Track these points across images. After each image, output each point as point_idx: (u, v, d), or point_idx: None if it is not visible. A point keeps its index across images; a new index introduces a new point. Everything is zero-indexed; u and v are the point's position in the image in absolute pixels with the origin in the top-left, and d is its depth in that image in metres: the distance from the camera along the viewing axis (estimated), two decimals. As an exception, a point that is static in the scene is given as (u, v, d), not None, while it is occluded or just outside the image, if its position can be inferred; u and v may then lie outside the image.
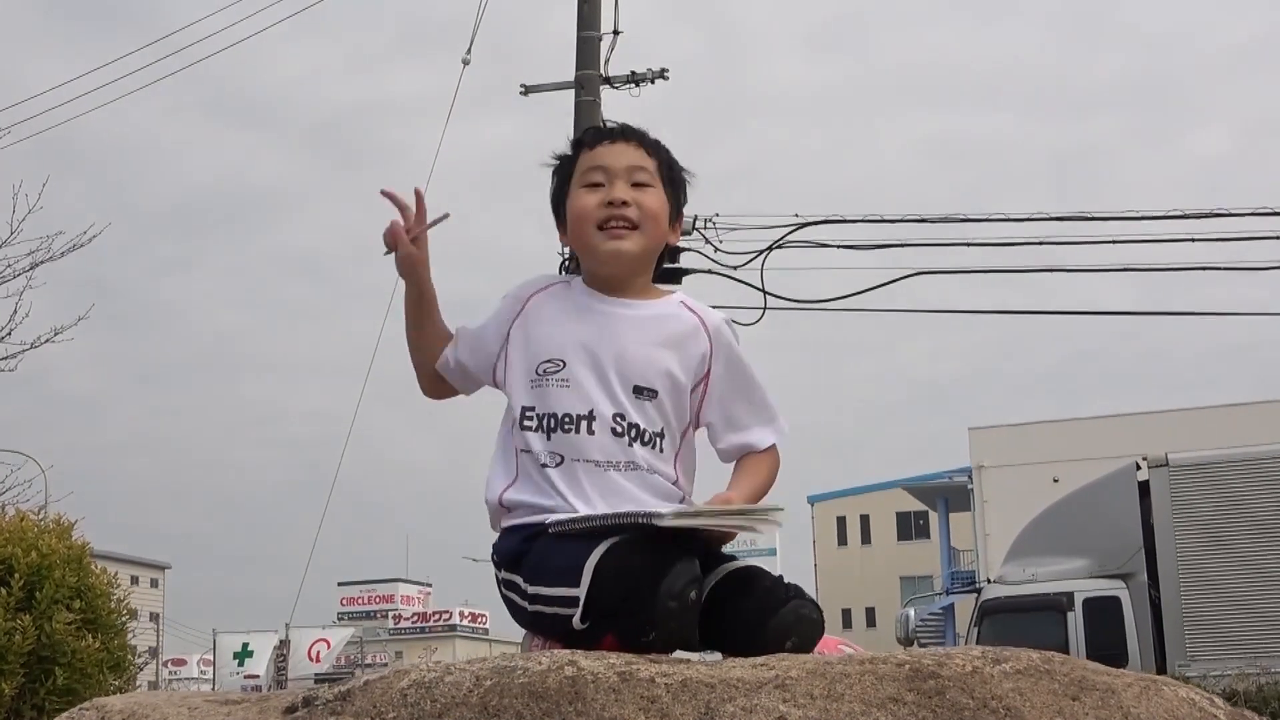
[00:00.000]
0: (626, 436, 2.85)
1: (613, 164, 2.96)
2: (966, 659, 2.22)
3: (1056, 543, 15.97)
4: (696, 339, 2.95)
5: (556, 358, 2.89)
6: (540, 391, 2.87)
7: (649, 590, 2.49)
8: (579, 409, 2.85)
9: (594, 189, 2.95)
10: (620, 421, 2.85)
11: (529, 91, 16.39)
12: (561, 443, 2.84)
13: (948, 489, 44.96)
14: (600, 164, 2.96)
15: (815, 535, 64.32)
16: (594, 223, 2.93)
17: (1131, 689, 2.22)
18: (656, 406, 2.89)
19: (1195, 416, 33.17)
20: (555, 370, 2.88)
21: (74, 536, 6.98)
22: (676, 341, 2.94)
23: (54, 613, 6.39)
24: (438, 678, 2.25)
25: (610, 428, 2.84)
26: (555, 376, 2.87)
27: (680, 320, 2.96)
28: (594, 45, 15.53)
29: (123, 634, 7.01)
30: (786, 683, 2.17)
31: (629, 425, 2.85)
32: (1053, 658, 2.26)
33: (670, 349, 2.93)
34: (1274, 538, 14.61)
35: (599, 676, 2.19)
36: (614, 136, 3.02)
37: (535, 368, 2.89)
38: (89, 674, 6.45)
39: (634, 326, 2.92)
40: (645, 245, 2.95)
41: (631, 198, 2.93)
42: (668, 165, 3.04)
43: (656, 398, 2.88)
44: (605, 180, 2.95)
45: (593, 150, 3.00)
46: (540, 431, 2.85)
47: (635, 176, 2.96)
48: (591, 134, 3.07)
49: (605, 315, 2.93)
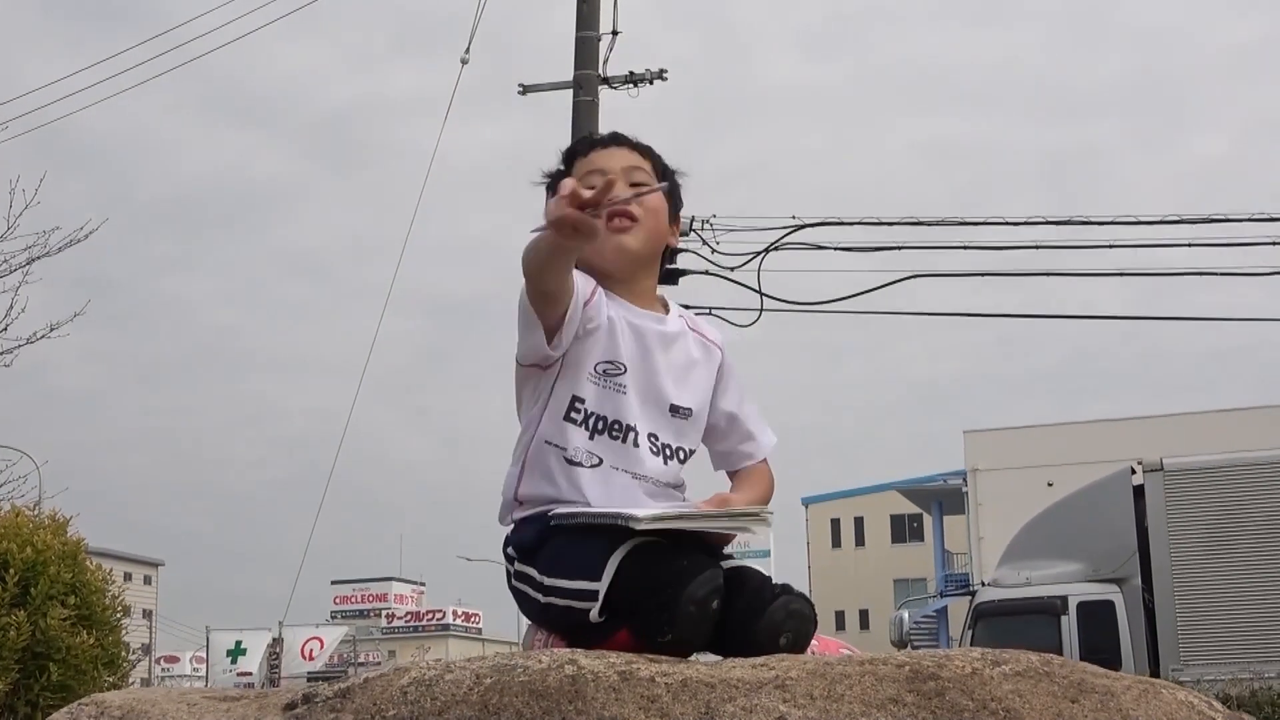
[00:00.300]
0: (661, 456, 2.89)
1: (609, 165, 2.98)
2: (966, 661, 2.23)
3: (1051, 546, 15.99)
4: (712, 356, 3.03)
5: (620, 361, 2.87)
6: (595, 389, 2.85)
7: (673, 592, 2.51)
8: (627, 419, 2.86)
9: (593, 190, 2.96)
10: (655, 441, 2.89)
11: (527, 91, 16.40)
12: (605, 447, 2.85)
13: (942, 492, 45.00)
14: (597, 167, 2.98)
15: (809, 537, 64.36)
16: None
17: (1130, 692, 2.22)
18: (690, 425, 2.95)
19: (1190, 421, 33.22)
20: (617, 374, 2.87)
21: (69, 533, 7.00)
22: (701, 360, 3.00)
23: (49, 609, 6.39)
24: (438, 675, 2.25)
25: (648, 447, 2.87)
26: (615, 380, 2.86)
27: (696, 337, 3.02)
28: (593, 45, 15.54)
29: (117, 630, 7.02)
30: (786, 683, 2.18)
31: (663, 445, 2.90)
32: (1052, 660, 2.26)
33: (699, 368, 2.98)
34: (1268, 543, 14.64)
35: (599, 675, 2.20)
36: (606, 142, 3.05)
37: (596, 364, 2.86)
38: (83, 670, 6.46)
39: (669, 345, 2.95)
40: (647, 240, 2.97)
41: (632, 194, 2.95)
42: (662, 166, 3.07)
43: (691, 416, 2.95)
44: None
45: (587, 156, 3.02)
46: (584, 428, 2.84)
47: (633, 176, 2.98)
48: (584, 143, 3.08)
49: (644, 332, 2.93)
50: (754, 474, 3.06)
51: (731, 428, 3.05)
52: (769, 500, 3.03)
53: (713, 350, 3.03)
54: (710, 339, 3.05)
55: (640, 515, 2.58)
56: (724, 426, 3.04)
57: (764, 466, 3.09)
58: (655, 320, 2.96)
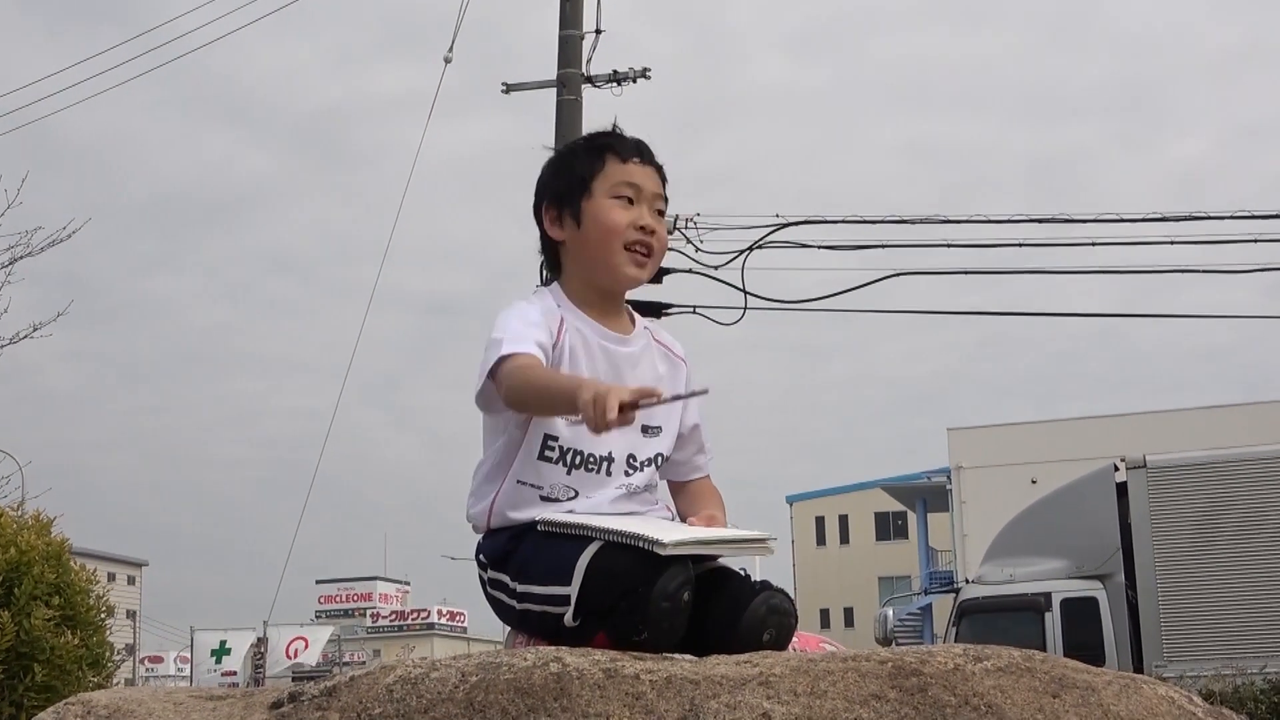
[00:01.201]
0: (638, 474, 2.92)
1: (644, 186, 2.98)
2: (948, 656, 2.24)
3: (1034, 543, 16.03)
4: (678, 370, 3.07)
5: None
6: (566, 425, 2.84)
7: (643, 590, 2.52)
8: (600, 450, 2.87)
9: (626, 205, 2.96)
10: (633, 462, 2.92)
11: (511, 90, 16.38)
12: (582, 480, 2.86)
13: (926, 489, 45.10)
14: (634, 181, 2.97)
15: (794, 535, 64.39)
16: (623, 240, 2.94)
17: (1111, 687, 2.24)
18: (661, 440, 2.98)
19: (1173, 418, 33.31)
20: None
21: (53, 533, 6.98)
22: (668, 375, 3.02)
23: (32, 609, 6.38)
24: (423, 674, 2.26)
25: (624, 470, 2.90)
26: None
27: (661, 353, 3.05)
28: (576, 44, 15.54)
29: (101, 631, 7.00)
30: (770, 679, 2.19)
31: (641, 463, 2.93)
32: (1034, 655, 2.28)
33: (665, 384, 2.98)
34: (1251, 539, 14.69)
35: (584, 673, 2.21)
36: (642, 156, 3.02)
37: None
38: (68, 670, 6.45)
39: (635, 366, 2.97)
40: (651, 274, 3.02)
41: (655, 225, 2.98)
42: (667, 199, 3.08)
43: (661, 433, 2.97)
44: (635, 199, 2.97)
45: (625, 165, 2.99)
46: (560, 464, 2.85)
47: (656, 204, 3.01)
48: (622, 145, 3.02)
49: (610, 354, 2.94)
50: (708, 491, 3.09)
51: (691, 437, 3.08)
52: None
53: (678, 365, 3.07)
54: (675, 353, 3.08)
55: (666, 541, 2.56)
56: (685, 436, 3.07)
57: (710, 482, 3.12)
58: (622, 342, 2.97)
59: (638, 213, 2.96)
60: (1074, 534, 15.74)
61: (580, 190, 2.98)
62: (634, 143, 3.05)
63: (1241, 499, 14.89)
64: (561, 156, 3.08)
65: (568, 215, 3.00)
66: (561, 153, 3.09)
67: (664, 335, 3.11)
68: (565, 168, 3.04)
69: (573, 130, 14.44)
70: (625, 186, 2.96)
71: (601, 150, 3.02)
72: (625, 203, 2.96)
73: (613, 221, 2.94)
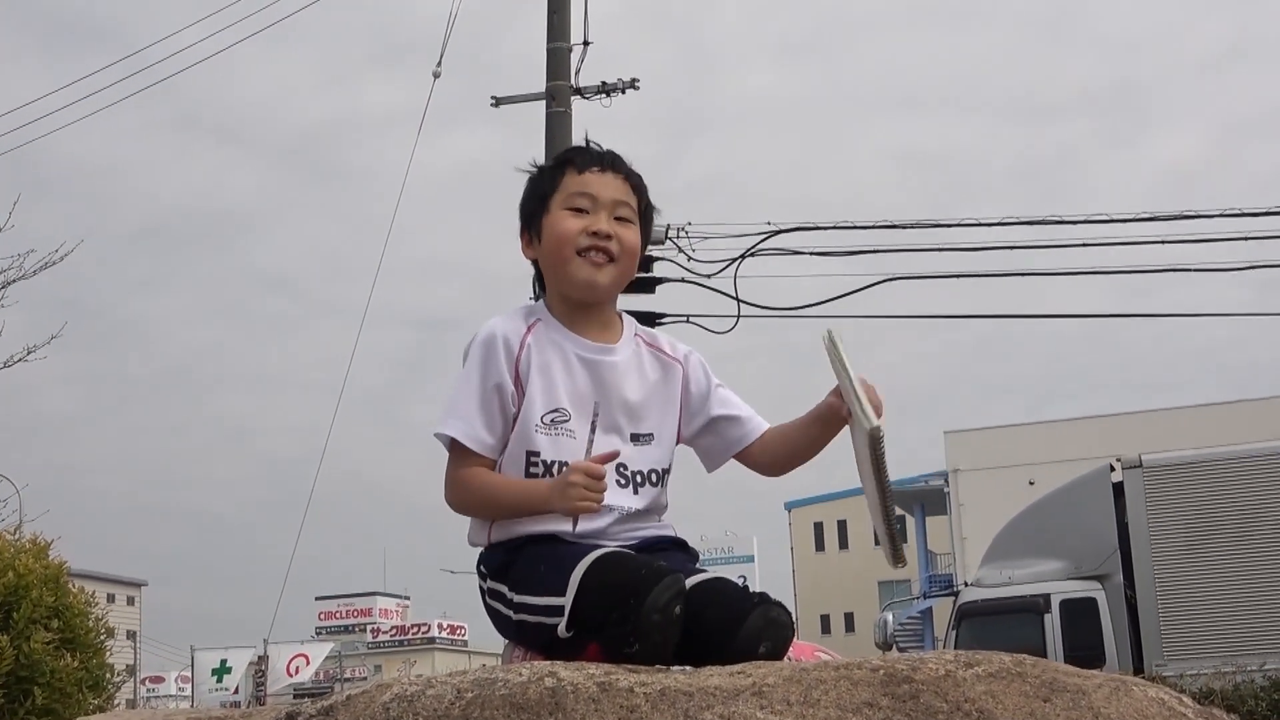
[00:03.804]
0: (631, 485, 2.92)
1: (600, 194, 2.99)
2: (940, 663, 2.26)
3: (1033, 545, 16.05)
4: (672, 374, 3.05)
5: (562, 407, 2.90)
6: (547, 439, 2.88)
7: (635, 603, 2.53)
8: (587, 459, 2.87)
9: (578, 214, 2.98)
10: (624, 471, 2.92)
11: (500, 103, 16.41)
12: None
13: (924, 493, 45.08)
14: (588, 191, 2.99)
15: (793, 541, 64.45)
16: (575, 247, 2.96)
17: (1102, 690, 2.26)
18: (655, 447, 2.98)
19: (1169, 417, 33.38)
20: (563, 420, 2.90)
21: (51, 556, 6.97)
22: (661, 380, 3.03)
23: (32, 632, 6.38)
24: (419, 691, 2.27)
25: (615, 480, 2.89)
26: (564, 426, 2.89)
27: (647, 354, 3.04)
28: (564, 56, 15.56)
29: (101, 653, 7.00)
30: (764, 689, 2.20)
31: (633, 474, 2.93)
32: (1024, 660, 2.30)
33: (655, 388, 3.01)
34: (1248, 537, 14.72)
35: (579, 687, 2.22)
36: (603, 164, 3.04)
37: (542, 416, 2.89)
38: (68, 693, 6.45)
39: (621, 375, 2.97)
40: (618, 279, 3.01)
41: (614, 231, 2.98)
42: (646, 204, 3.09)
43: (653, 440, 2.97)
44: (590, 208, 2.98)
45: (581, 175, 3.01)
46: (548, 478, 2.86)
47: (618, 210, 3.01)
48: (581, 157, 3.05)
49: (593, 365, 2.95)
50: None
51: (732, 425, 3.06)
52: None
53: (672, 366, 3.05)
54: (668, 354, 3.06)
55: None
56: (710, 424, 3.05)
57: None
58: (605, 352, 2.98)
59: (591, 219, 2.97)
60: (1072, 535, 15.76)
61: (540, 208, 3.03)
62: (597, 153, 3.07)
63: (1238, 497, 14.92)
64: (531, 178, 3.11)
65: (533, 235, 3.05)
66: (532, 174, 3.12)
67: (660, 339, 3.11)
68: (531, 189, 3.08)
69: (563, 142, 14.46)
70: (579, 197, 2.99)
71: (562, 165, 3.06)
72: (577, 212, 2.98)
73: (562, 231, 2.97)
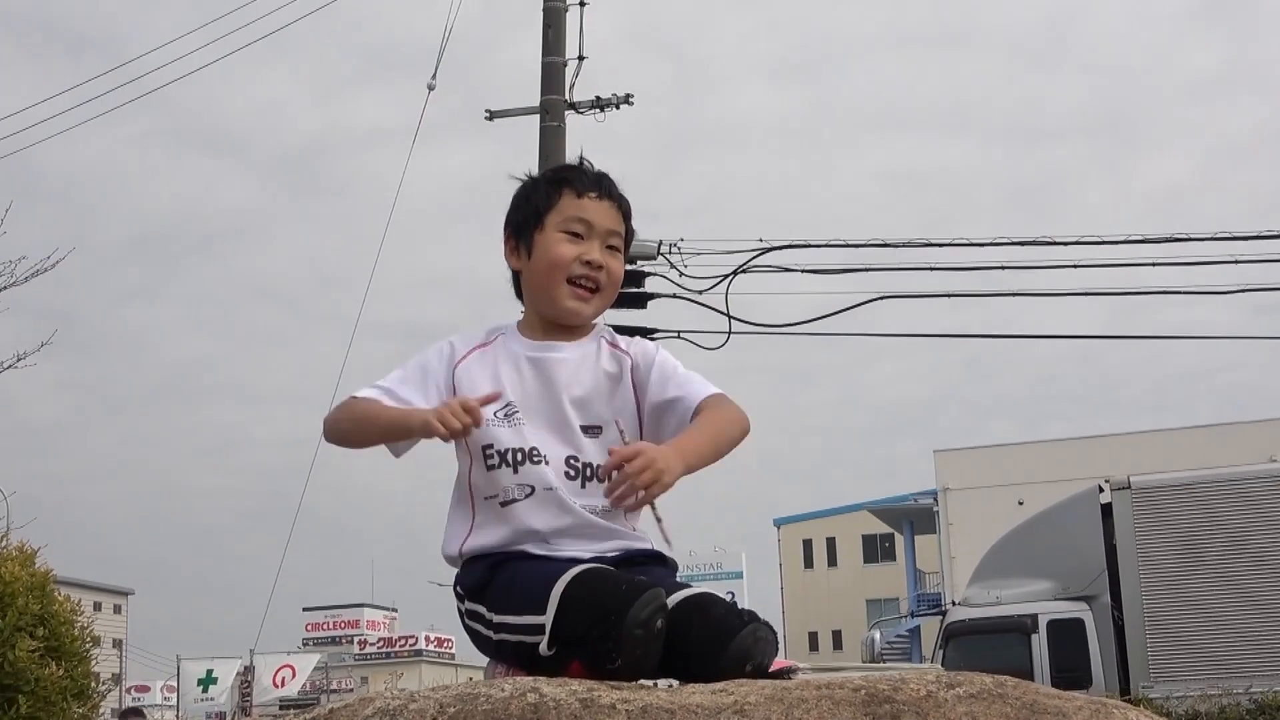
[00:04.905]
0: (580, 478, 2.91)
1: (596, 221, 3.02)
2: (921, 683, 2.27)
3: (1021, 565, 16.07)
4: (623, 366, 3.03)
5: (511, 401, 2.92)
6: (500, 431, 2.89)
7: (616, 618, 2.53)
8: (540, 446, 2.89)
9: (574, 240, 3.00)
10: (574, 464, 2.91)
11: (494, 117, 16.43)
12: (531, 474, 2.88)
13: (913, 511, 45.13)
14: (585, 217, 3.01)
15: (781, 558, 64.39)
16: (566, 274, 2.98)
17: (1082, 712, 2.27)
18: (609, 438, 2.94)
19: (1157, 439, 33.44)
20: (514, 411, 2.92)
21: (37, 563, 6.96)
22: (610, 373, 3.01)
23: (17, 640, 6.36)
24: (402, 705, 2.27)
25: (564, 471, 2.90)
26: (515, 415, 2.91)
27: (606, 352, 3.04)
28: (559, 70, 15.60)
29: (86, 661, 6.99)
30: (745, 708, 2.21)
31: (583, 465, 2.92)
32: (1005, 681, 2.30)
33: (606, 381, 3.00)
34: (1236, 559, 14.75)
35: (561, 703, 2.23)
36: (600, 191, 3.05)
37: (495, 411, 2.90)
38: (53, 702, 6.43)
39: (569, 370, 2.98)
40: (600, 309, 3.05)
41: (605, 262, 3.00)
42: (630, 231, 3.11)
43: (602, 433, 2.95)
44: (585, 234, 3.00)
45: (580, 199, 3.03)
46: (507, 466, 2.88)
47: (610, 240, 3.03)
48: (580, 180, 3.06)
49: (539, 363, 2.98)
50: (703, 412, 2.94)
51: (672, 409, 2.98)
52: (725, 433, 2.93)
53: (623, 359, 3.03)
54: (621, 349, 3.05)
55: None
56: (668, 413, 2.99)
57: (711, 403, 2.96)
58: (551, 349, 3.00)
59: (586, 247, 2.99)
60: (1060, 555, 15.79)
61: (534, 223, 3.04)
62: (594, 177, 3.08)
63: (1226, 519, 14.95)
64: (524, 188, 3.12)
65: (522, 246, 3.06)
66: (525, 184, 3.13)
67: (620, 339, 3.10)
68: (525, 200, 3.09)
69: (556, 157, 14.50)
70: (576, 222, 3.00)
71: (559, 184, 3.06)
72: (573, 238, 3.00)
73: (557, 255, 2.99)
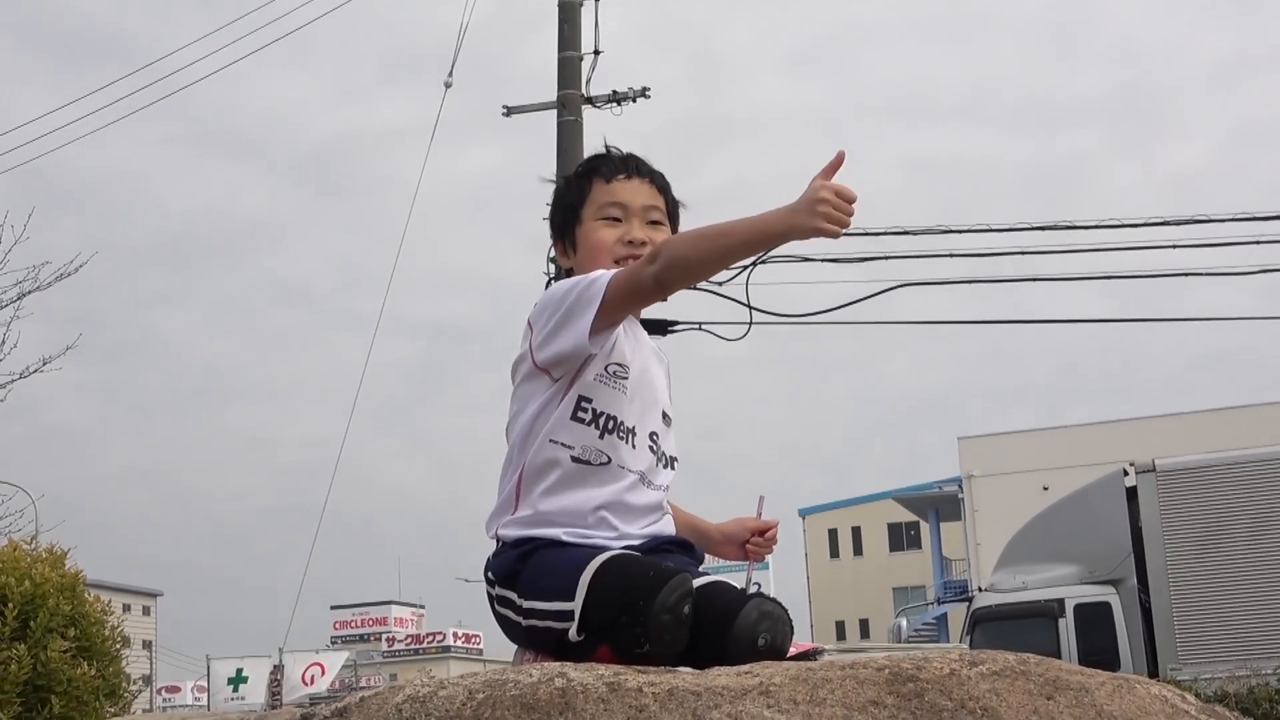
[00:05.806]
0: (661, 460, 2.97)
1: (631, 201, 3.06)
2: (944, 662, 2.29)
3: (1047, 550, 16.07)
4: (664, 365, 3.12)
5: (625, 364, 2.93)
6: (602, 389, 2.89)
7: (644, 604, 2.57)
8: (630, 421, 2.91)
9: (613, 224, 3.04)
10: (655, 441, 2.96)
11: (511, 113, 16.46)
12: (613, 446, 2.89)
13: (938, 499, 45.09)
14: (619, 200, 3.06)
15: (807, 548, 64.36)
16: (612, 257, 3.01)
17: (1105, 687, 2.29)
18: (672, 431, 3.03)
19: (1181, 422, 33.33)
20: (623, 376, 2.92)
21: (67, 565, 7.02)
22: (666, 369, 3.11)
23: (49, 641, 6.42)
24: (432, 692, 2.30)
25: (649, 446, 2.95)
26: (622, 381, 2.92)
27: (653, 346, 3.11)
28: (575, 65, 15.61)
29: (117, 661, 7.04)
30: (770, 689, 2.23)
31: (663, 450, 2.98)
32: (1028, 659, 2.32)
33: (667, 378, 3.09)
34: (1262, 540, 14.72)
35: (588, 687, 2.25)
36: (628, 170, 3.10)
37: (605, 366, 2.90)
38: (85, 701, 6.49)
39: (654, 355, 3.07)
40: None
41: (648, 237, 3.03)
42: (673, 201, 3.15)
43: (671, 424, 3.04)
44: (623, 216, 3.05)
45: (609, 184, 3.08)
46: (593, 427, 2.88)
47: (650, 215, 3.08)
48: (606, 166, 3.11)
49: (640, 339, 3.02)
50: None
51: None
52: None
53: (664, 359, 3.13)
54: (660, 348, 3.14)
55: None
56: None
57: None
58: (644, 330, 3.06)
59: (625, 228, 3.04)
60: (1085, 539, 15.78)
61: (572, 220, 3.10)
62: (620, 159, 3.12)
63: (1251, 500, 14.93)
64: (558, 189, 3.18)
65: (567, 244, 3.12)
66: (558, 186, 3.19)
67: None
68: (560, 200, 3.15)
69: (574, 151, 14.52)
70: (611, 206, 3.05)
71: (588, 175, 3.12)
72: (612, 222, 3.05)
73: (598, 241, 3.04)
